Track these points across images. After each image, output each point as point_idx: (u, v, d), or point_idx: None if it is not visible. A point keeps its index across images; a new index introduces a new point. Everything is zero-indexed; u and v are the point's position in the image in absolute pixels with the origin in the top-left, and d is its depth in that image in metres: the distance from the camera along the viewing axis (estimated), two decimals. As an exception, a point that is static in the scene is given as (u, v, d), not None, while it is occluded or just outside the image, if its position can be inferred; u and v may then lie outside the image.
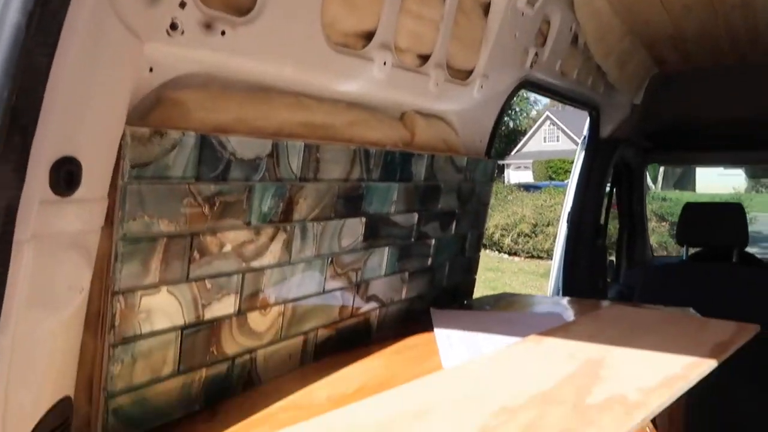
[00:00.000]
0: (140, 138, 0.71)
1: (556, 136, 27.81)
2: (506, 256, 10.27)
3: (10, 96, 0.51)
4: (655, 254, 4.23)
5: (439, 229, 1.40)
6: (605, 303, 1.57)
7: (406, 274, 1.31)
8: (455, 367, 1.01)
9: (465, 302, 1.61)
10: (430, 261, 1.39)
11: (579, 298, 2.51)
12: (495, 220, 10.42)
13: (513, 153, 27.90)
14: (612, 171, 2.77)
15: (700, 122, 2.76)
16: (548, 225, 9.92)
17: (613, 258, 3.51)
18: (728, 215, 2.70)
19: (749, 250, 2.94)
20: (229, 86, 0.89)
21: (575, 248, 2.62)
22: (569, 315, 1.44)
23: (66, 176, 0.60)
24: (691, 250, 2.92)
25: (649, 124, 2.77)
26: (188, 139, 0.77)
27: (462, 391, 0.89)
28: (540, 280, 8.31)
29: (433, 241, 1.38)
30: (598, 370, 0.96)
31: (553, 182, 16.60)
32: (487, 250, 10.39)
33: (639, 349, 1.06)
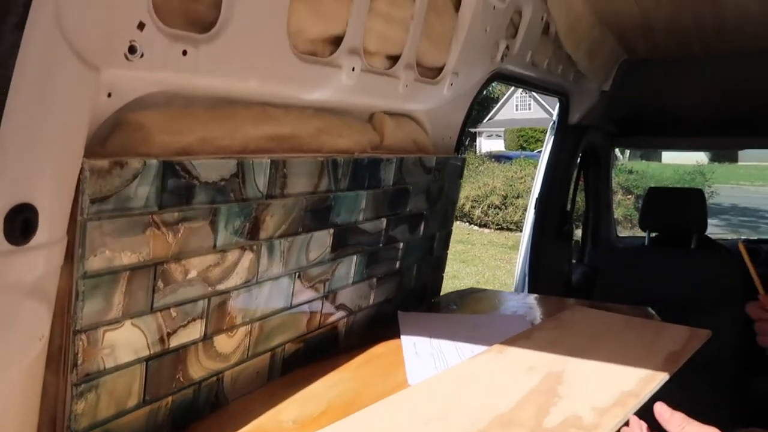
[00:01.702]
0: (99, 171, 0.69)
1: (527, 104, 27.88)
2: (476, 227, 10.39)
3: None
4: (619, 231, 4.34)
5: (407, 231, 1.40)
6: (569, 302, 1.61)
7: (374, 280, 1.31)
8: (420, 384, 1.02)
9: (432, 300, 1.63)
10: (398, 264, 1.39)
11: (544, 290, 2.59)
12: (466, 192, 10.51)
13: (485, 121, 27.93)
14: (580, 156, 2.81)
15: (665, 108, 2.81)
16: (518, 197, 10.04)
17: (578, 238, 3.59)
18: (689, 201, 2.78)
19: (711, 221, 3.05)
20: (192, 102, 0.86)
21: (542, 234, 2.67)
22: (533, 315, 1.48)
23: (22, 225, 0.58)
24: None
25: (617, 109, 2.81)
26: (150, 167, 0.75)
27: (427, 413, 0.90)
28: (509, 252, 8.46)
29: (402, 245, 1.39)
30: (556, 386, 0.99)
31: (524, 152, 16.74)
32: (458, 222, 10.49)
33: (597, 361, 1.09)
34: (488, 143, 23.88)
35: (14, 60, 0.50)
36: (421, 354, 1.19)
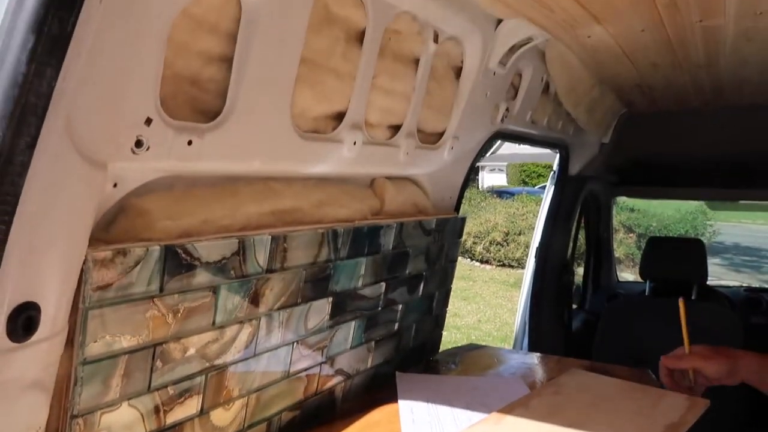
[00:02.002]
0: (102, 261, 0.71)
1: (529, 139, 28.02)
2: (478, 264, 10.37)
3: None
4: (621, 270, 4.33)
5: (406, 293, 1.41)
6: (568, 361, 1.60)
7: (373, 343, 1.32)
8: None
9: (431, 358, 1.62)
10: (397, 326, 1.40)
11: (545, 339, 2.59)
12: (468, 227, 10.52)
13: (488, 155, 28.10)
14: (580, 205, 2.83)
15: (665, 159, 2.84)
16: (520, 234, 10.04)
17: (579, 281, 3.59)
18: (689, 251, 2.78)
19: (713, 260, 3.05)
20: (195, 183, 0.88)
21: (542, 282, 2.67)
22: (532, 377, 1.47)
23: (24, 322, 0.60)
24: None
25: (617, 160, 2.84)
26: (152, 252, 0.77)
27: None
28: (510, 290, 8.42)
29: (401, 306, 1.40)
30: (554, 465, 0.99)
31: (525, 188, 16.81)
32: (460, 258, 10.49)
33: (595, 435, 1.09)
34: (491, 177, 23.96)
35: (24, 178, 0.52)
36: (418, 422, 1.18)
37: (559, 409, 1.22)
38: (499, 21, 1.35)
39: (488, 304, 8.04)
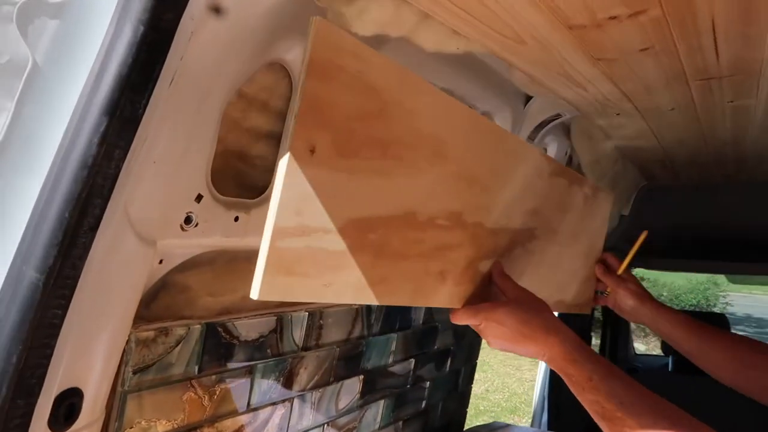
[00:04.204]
0: (144, 341, 0.68)
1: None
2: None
3: (20, 358, 0.48)
4: (633, 340, 4.22)
5: (434, 369, 1.36)
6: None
7: (401, 423, 1.26)
8: None
9: (456, 438, 1.56)
10: (424, 404, 1.35)
11: (564, 415, 2.49)
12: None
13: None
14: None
15: (683, 232, 2.82)
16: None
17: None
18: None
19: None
20: (235, 258, 0.86)
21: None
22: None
23: (66, 410, 0.57)
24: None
25: (636, 232, 2.82)
26: (193, 331, 0.74)
27: None
28: (519, 358, 8.23)
29: (428, 383, 1.35)
30: None
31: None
32: (467, 322, 10.29)
33: None
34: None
35: (84, 261, 0.50)
36: None
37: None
38: (528, 98, 1.36)
39: (496, 373, 7.84)
